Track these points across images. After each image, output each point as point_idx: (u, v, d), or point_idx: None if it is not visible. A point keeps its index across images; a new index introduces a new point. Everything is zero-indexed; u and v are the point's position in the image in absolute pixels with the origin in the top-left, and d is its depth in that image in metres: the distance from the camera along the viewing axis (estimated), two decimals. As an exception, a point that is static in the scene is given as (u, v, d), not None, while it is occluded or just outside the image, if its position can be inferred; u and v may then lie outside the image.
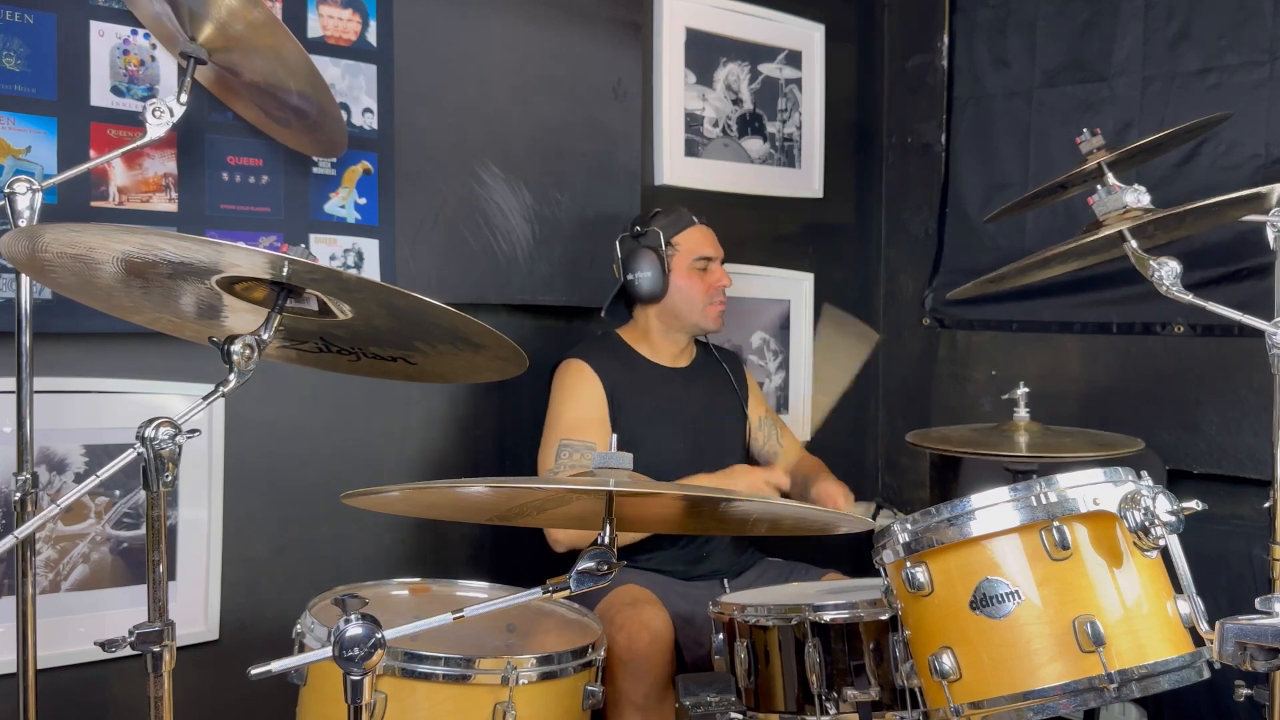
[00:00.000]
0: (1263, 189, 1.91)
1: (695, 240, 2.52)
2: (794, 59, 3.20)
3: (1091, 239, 1.96)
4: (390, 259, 2.39)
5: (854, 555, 3.06)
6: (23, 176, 1.69)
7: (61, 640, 2.03)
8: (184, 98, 1.84)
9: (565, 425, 2.38)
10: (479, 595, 2.04)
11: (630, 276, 2.46)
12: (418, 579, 2.06)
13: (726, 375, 2.64)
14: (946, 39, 3.27)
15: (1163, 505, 1.48)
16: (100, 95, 2.07)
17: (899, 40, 3.43)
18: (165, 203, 2.14)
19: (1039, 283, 2.53)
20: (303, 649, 1.75)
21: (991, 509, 1.58)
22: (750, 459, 2.65)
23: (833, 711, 1.76)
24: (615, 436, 1.56)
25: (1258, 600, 1.28)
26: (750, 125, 3.12)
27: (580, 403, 2.40)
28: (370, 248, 2.37)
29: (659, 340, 2.54)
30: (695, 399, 2.55)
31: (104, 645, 1.35)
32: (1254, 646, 1.23)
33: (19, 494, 1.76)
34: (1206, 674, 1.54)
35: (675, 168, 2.94)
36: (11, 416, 1.77)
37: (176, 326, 1.58)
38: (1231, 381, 2.66)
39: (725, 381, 2.63)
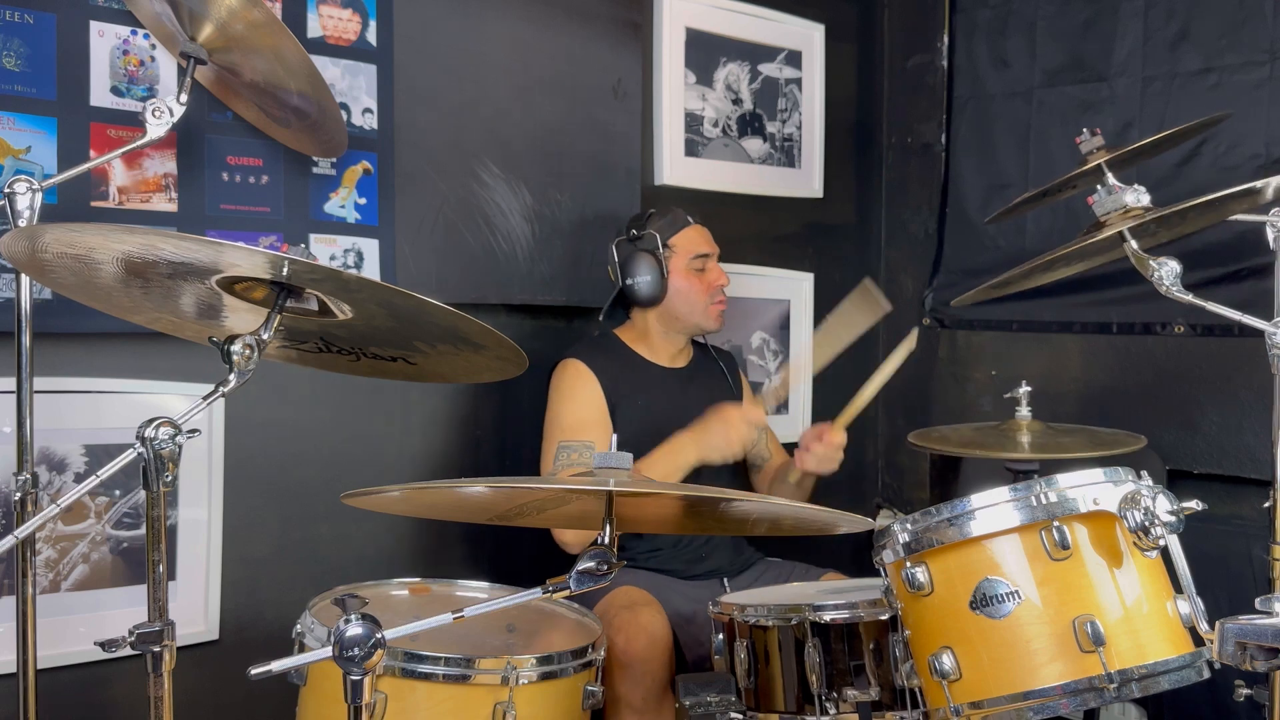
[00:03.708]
0: (1257, 184, 1.91)
1: (691, 239, 2.51)
2: (794, 59, 3.20)
3: (1093, 240, 1.96)
4: (390, 259, 2.39)
5: (854, 555, 3.06)
6: (23, 176, 1.69)
7: (61, 640, 2.03)
8: (184, 98, 1.84)
9: (563, 426, 2.38)
10: (479, 595, 2.04)
11: (629, 281, 2.46)
12: (418, 579, 2.06)
13: (723, 375, 2.64)
14: (946, 39, 3.27)
15: (1163, 505, 1.48)
16: (100, 95, 2.07)
17: (899, 40, 3.43)
18: (165, 203, 2.14)
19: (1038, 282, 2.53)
20: (303, 649, 1.74)
21: (991, 509, 1.58)
22: (742, 462, 2.66)
23: (833, 711, 1.76)
24: (615, 437, 1.56)
25: (1258, 600, 1.28)
26: (750, 125, 3.12)
27: (578, 402, 2.40)
28: (370, 248, 2.37)
29: (658, 341, 2.54)
30: (692, 399, 2.54)
31: (104, 645, 1.35)
32: (1254, 646, 1.23)
33: (19, 494, 1.76)
34: (1206, 674, 1.54)
35: (675, 168, 2.94)
36: (11, 416, 1.77)
37: (176, 326, 1.58)
38: (1231, 381, 2.66)
39: (722, 381, 2.63)
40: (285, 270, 1.32)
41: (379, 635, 1.22)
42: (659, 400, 2.48)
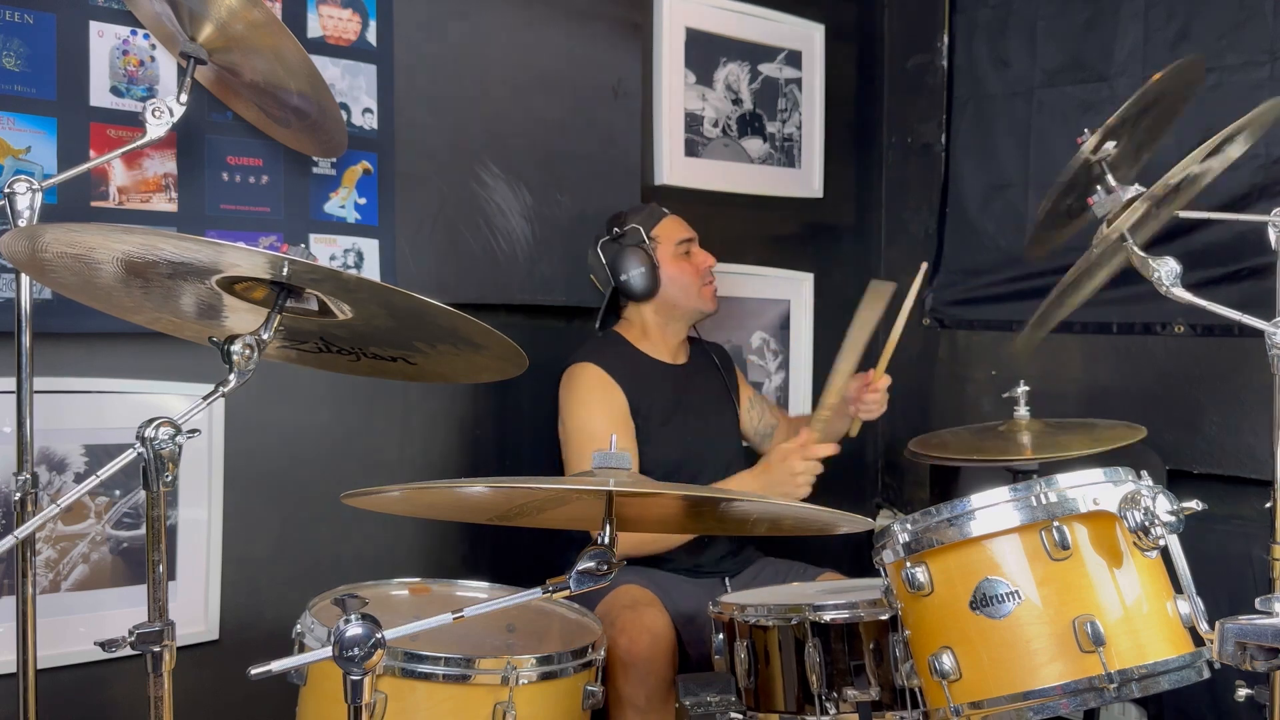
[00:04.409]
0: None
1: (671, 228, 2.53)
2: (794, 59, 3.20)
3: (1099, 250, 1.95)
4: (390, 259, 2.39)
5: (854, 555, 3.06)
6: (23, 176, 1.69)
7: (61, 640, 2.03)
8: (184, 98, 1.84)
9: (594, 435, 2.32)
10: (479, 595, 2.05)
11: (623, 278, 2.47)
12: (418, 579, 2.06)
13: (719, 370, 2.66)
14: (946, 39, 3.27)
15: (1163, 505, 1.48)
16: (100, 95, 2.07)
17: (899, 40, 3.43)
18: (165, 203, 2.14)
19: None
20: (303, 649, 1.75)
21: (991, 509, 1.58)
22: (746, 444, 2.69)
23: (833, 711, 1.77)
24: (615, 436, 1.56)
25: (1258, 600, 1.28)
26: (750, 125, 3.12)
27: (606, 407, 2.37)
28: (370, 248, 2.37)
29: (657, 336, 2.54)
30: (697, 394, 2.56)
31: (104, 645, 1.35)
32: (1254, 646, 1.23)
33: (19, 494, 1.76)
34: (1206, 674, 1.54)
35: (675, 167, 2.94)
36: (11, 416, 1.77)
37: (176, 326, 1.58)
38: (1231, 381, 2.66)
39: (717, 374, 2.65)
40: (285, 270, 1.32)
41: (379, 635, 1.21)
42: (668, 398, 2.49)
